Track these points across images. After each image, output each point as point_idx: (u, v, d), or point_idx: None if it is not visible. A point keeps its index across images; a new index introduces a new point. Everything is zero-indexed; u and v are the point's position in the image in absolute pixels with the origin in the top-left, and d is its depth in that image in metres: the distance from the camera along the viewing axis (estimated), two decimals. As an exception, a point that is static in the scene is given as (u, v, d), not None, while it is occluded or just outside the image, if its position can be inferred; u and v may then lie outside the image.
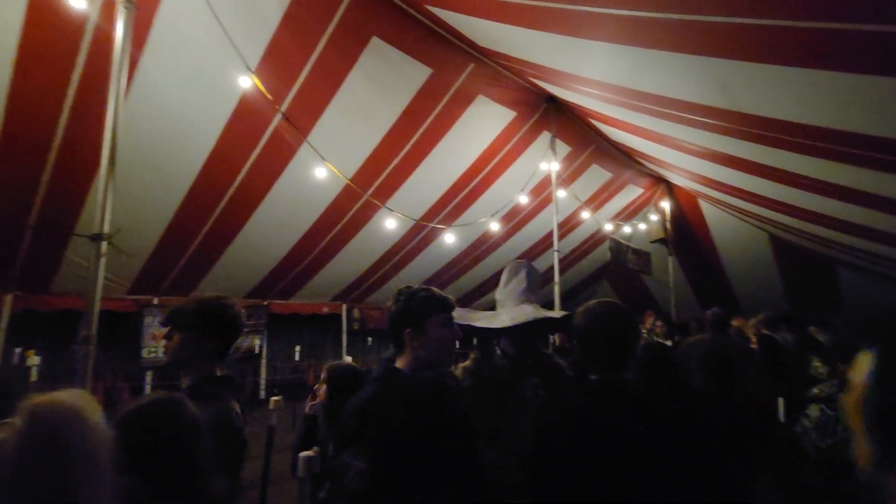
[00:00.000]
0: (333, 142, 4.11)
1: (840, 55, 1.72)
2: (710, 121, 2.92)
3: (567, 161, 5.59)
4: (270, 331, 6.92)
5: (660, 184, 7.24)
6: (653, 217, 7.46)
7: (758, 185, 4.13)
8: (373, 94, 4.01)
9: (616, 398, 1.47)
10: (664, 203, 7.40)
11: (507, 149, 5.18)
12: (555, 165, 4.95)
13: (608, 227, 7.10)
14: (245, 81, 3.27)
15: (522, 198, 5.45)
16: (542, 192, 5.66)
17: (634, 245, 7.38)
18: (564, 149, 5.39)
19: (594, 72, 3.21)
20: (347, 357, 6.95)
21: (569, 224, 6.82)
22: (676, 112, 3.04)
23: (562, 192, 5.41)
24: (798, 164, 3.10)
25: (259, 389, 6.93)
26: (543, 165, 5.07)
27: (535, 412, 1.64)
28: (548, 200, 5.46)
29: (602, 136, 5.56)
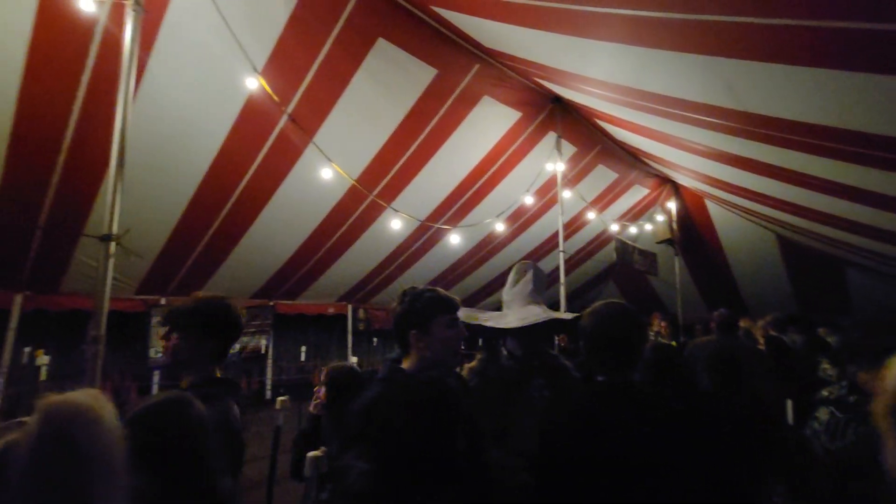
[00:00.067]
0: (339, 143, 4.13)
1: (846, 54, 1.70)
2: (717, 120, 2.90)
3: (573, 161, 5.58)
4: (276, 331, 6.94)
5: (666, 184, 7.21)
6: (659, 217, 7.43)
7: (765, 186, 4.10)
8: (378, 95, 4.02)
9: (622, 399, 1.46)
10: (670, 203, 7.37)
11: (513, 149, 5.17)
12: (560, 166, 4.94)
13: (614, 228, 7.08)
14: (252, 83, 3.29)
15: (528, 198, 5.44)
16: (548, 193, 5.66)
17: (640, 246, 7.34)
18: (570, 149, 5.38)
19: (599, 72, 3.20)
20: (353, 357, 6.97)
21: (574, 225, 6.80)
22: (682, 112, 3.03)
23: (567, 193, 5.41)
24: (805, 164, 3.07)
25: (265, 389, 6.98)
26: (549, 166, 5.06)
27: (542, 413, 1.63)
28: (553, 201, 5.45)
29: (608, 137, 5.54)
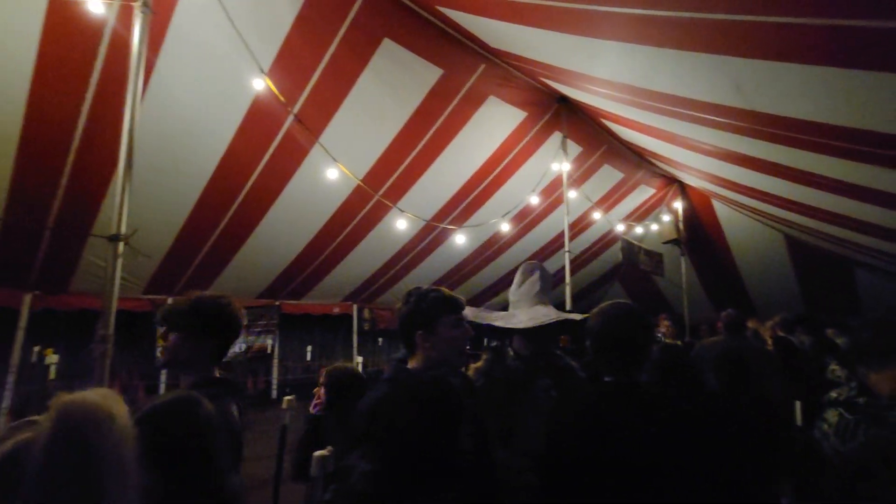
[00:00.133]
0: (345, 143, 4.14)
1: (855, 52, 1.69)
2: (724, 120, 2.89)
3: (578, 161, 5.57)
4: (282, 331, 6.98)
5: (672, 184, 7.17)
6: (665, 217, 7.39)
7: (772, 185, 4.07)
8: (384, 95, 4.03)
9: (629, 400, 1.46)
10: (677, 203, 7.33)
11: (518, 149, 5.16)
12: (566, 166, 4.93)
13: (620, 228, 7.05)
14: (258, 83, 3.31)
15: (533, 198, 5.43)
16: (554, 193, 5.64)
17: (646, 246, 7.31)
18: (576, 149, 5.37)
19: (606, 71, 3.19)
20: (358, 357, 6.98)
21: (580, 225, 6.78)
22: (689, 111, 3.01)
23: (573, 193, 5.39)
24: (814, 163, 3.05)
25: (271, 389, 7.00)
26: (555, 166, 5.05)
27: (548, 413, 1.62)
28: (559, 201, 5.44)
29: (614, 136, 5.52)
